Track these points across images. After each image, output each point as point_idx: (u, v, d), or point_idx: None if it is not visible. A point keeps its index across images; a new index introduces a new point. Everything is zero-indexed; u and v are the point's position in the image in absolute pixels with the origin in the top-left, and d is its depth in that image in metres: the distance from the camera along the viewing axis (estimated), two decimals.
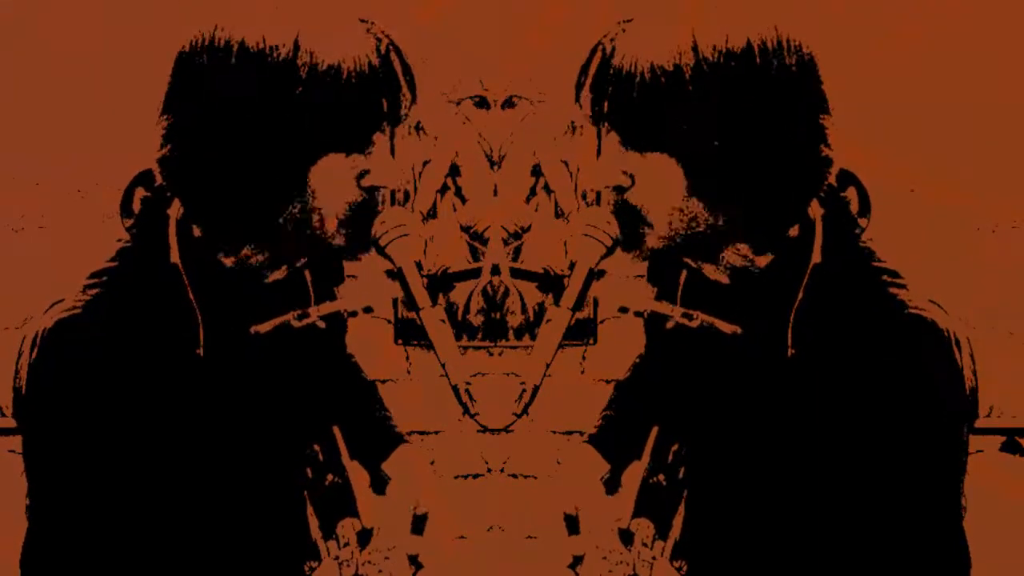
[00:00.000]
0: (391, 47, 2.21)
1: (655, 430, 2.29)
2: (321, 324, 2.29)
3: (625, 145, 2.21)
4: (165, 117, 2.20)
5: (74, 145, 2.34)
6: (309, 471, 2.29)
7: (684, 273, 2.28)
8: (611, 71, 2.19)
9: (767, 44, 2.17)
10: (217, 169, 2.19)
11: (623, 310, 2.30)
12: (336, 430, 2.29)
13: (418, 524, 2.31)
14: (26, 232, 2.34)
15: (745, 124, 2.17)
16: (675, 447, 2.28)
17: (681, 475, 2.28)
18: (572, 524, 2.30)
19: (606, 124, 2.22)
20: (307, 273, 2.29)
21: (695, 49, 2.16)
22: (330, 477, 2.29)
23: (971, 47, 2.36)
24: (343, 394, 2.31)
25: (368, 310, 2.31)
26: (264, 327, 2.26)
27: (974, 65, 2.36)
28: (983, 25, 2.36)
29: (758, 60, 2.16)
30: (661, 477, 2.28)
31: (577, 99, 2.25)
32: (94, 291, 2.27)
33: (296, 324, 2.27)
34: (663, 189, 2.21)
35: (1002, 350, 2.32)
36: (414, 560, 2.30)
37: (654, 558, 2.25)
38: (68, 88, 2.35)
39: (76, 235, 2.33)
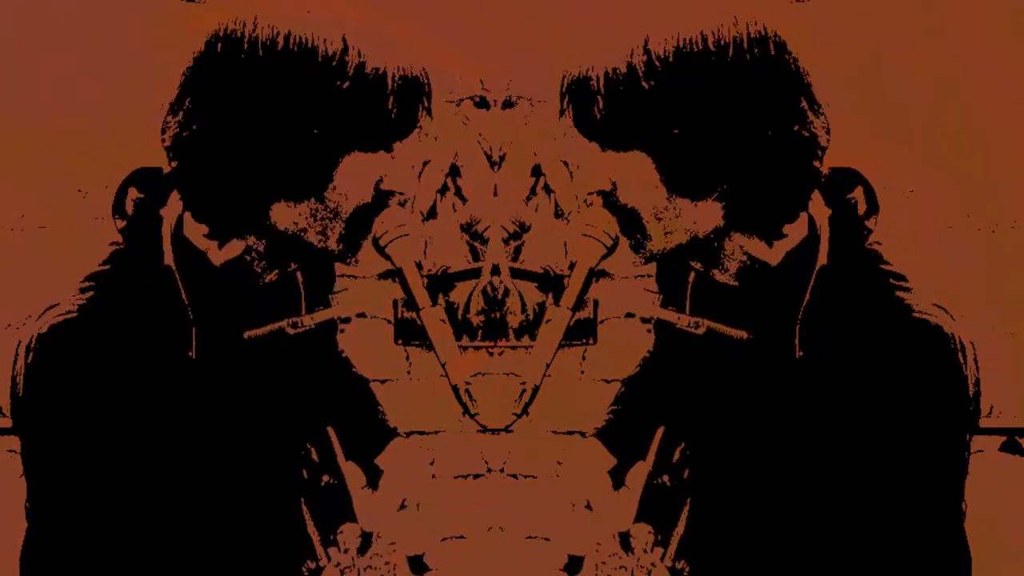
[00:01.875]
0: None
1: (660, 430, 2.29)
2: (312, 327, 2.29)
3: (605, 149, 2.23)
4: (187, 94, 2.21)
5: (74, 145, 2.34)
6: (305, 472, 2.28)
7: (692, 276, 2.29)
8: (569, 83, 2.21)
9: (723, 35, 2.19)
10: (237, 153, 2.20)
11: (630, 315, 2.30)
12: (331, 431, 2.29)
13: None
14: (26, 232, 2.34)
15: (709, 113, 2.18)
16: (680, 448, 2.28)
17: (685, 476, 2.28)
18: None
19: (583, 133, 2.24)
20: (299, 276, 2.29)
21: (646, 47, 2.18)
22: (326, 478, 2.29)
23: (971, 46, 2.36)
24: (336, 394, 2.31)
25: (361, 315, 2.31)
26: (258, 333, 2.26)
27: (974, 65, 2.36)
28: (983, 24, 2.36)
29: (713, 50, 2.17)
30: (666, 478, 2.28)
31: (561, 115, 2.27)
32: (88, 294, 2.27)
33: (290, 331, 2.27)
34: (646, 187, 2.22)
35: (1002, 350, 2.32)
36: (416, 563, 2.30)
37: (653, 564, 2.25)
38: (68, 88, 2.35)
39: (76, 235, 2.32)
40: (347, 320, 2.31)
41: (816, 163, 2.25)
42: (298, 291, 2.30)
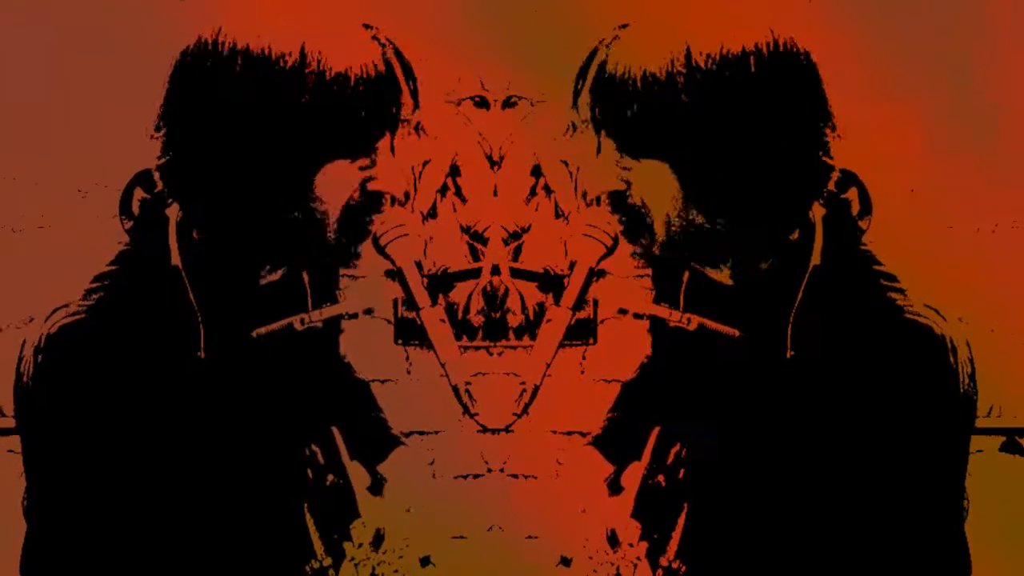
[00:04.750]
0: (394, 52, 2.22)
1: (656, 431, 2.29)
2: (319, 325, 2.29)
3: (621, 151, 2.21)
4: (164, 123, 2.20)
5: (74, 145, 2.34)
6: (309, 472, 2.29)
7: (687, 274, 2.28)
8: (605, 77, 2.19)
9: (762, 51, 2.16)
10: (220, 176, 2.19)
11: (622, 311, 2.30)
12: (335, 431, 2.29)
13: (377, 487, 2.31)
14: (26, 232, 2.34)
15: (741, 132, 2.17)
16: (675, 448, 2.28)
17: (681, 476, 2.28)
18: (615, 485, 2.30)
19: (602, 130, 2.22)
20: (304, 275, 2.29)
21: (688, 57, 2.15)
22: (331, 478, 2.29)
23: (971, 47, 2.36)
24: (340, 395, 2.31)
25: (369, 312, 2.31)
26: (267, 330, 2.26)
27: (974, 65, 2.36)
28: (982, 24, 2.36)
29: (753, 67, 2.15)
30: (661, 478, 2.28)
31: (574, 104, 2.25)
32: (97, 295, 2.27)
33: (299, 327, 2.27)
34: (660, 195, 2.21)
35: (1002, 350, 2.32)
36: (425, 562, 2.30)
37: (638, 558, 2.25)
38: (68, 88, 2.35)
39: (76, 235, 2.32)
40: (354, 316, 2.31)
41: (830, 186, 2.24)
42: (304, 289, 2.30)
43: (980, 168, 2.35)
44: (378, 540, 2.28)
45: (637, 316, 2.30)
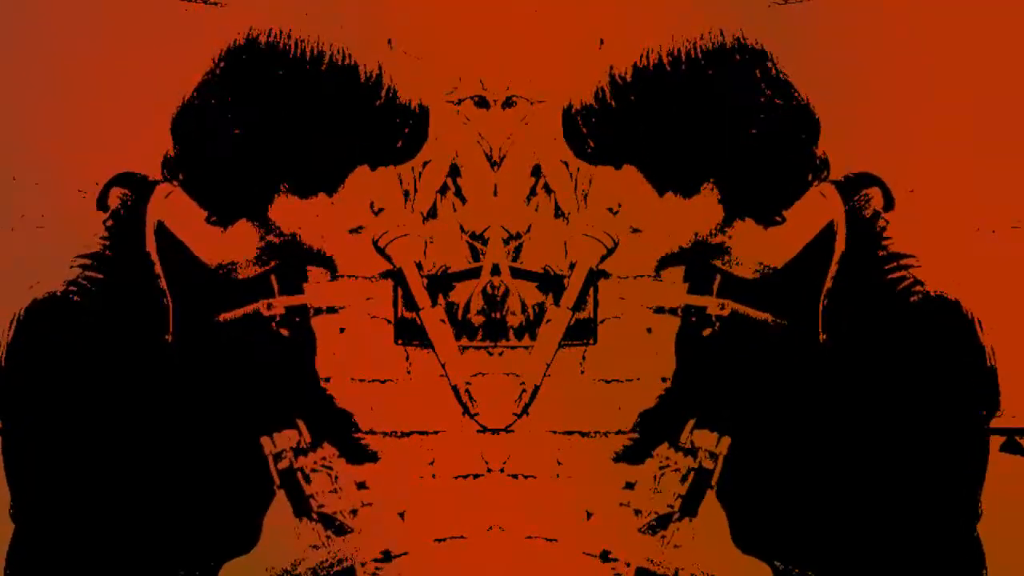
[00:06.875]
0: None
1: (691, 422, 2.30)
2: (285, 332, 2.31)
3: (593, 163, 2.27)
4: (216, 89, 2.26)
5: (74, 145, 2.34)
6: (274, 461, 2.31)
7: (718, 278, 2.31)
8: (564, 113, 2.29)
9: (679, 51, 2.26)
10: (259, 145, 2.24)
11: (659, 310, 2.31)
12: (300, 423, 2.31)
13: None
14: (25, 232, 2.34)
15: (676, 117, 2.22)
16: (708, 436, 2.30)
17: (714, 466, 2.30)
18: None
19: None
20: (272, 278, 2.31)
21: (610, 73, 2.27)
22: (299, 462, 2.30)
23: (971, 46, 2.36)
24: (308, 385, 2.32)
25: (332, 310, 2.32)
26: (232, 315, 2.29)
27: (974, 64, 2.36)
28: (983, 24, 2.36)
29: (667, 68, 2.26)
30: (691, 462, 2.30)
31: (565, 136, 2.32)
32: (71, 276, 2.30)
33: (265, 313, 2.30)
34: (644, 195, 2.26)
35: (1002, 350, 2.32)
36: (387, 555, 2.32)
37: (715, 463, 2.28)
38: (68, 87, 2.35)
39: (76, 235, 2.32)
40: (319, 311, 2.32)
41: (814, 148, 2.29)
42: (272, 290, 2.32)
43: (980, 168, 2.35)
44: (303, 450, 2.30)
45: (671, 311, 2.31)
